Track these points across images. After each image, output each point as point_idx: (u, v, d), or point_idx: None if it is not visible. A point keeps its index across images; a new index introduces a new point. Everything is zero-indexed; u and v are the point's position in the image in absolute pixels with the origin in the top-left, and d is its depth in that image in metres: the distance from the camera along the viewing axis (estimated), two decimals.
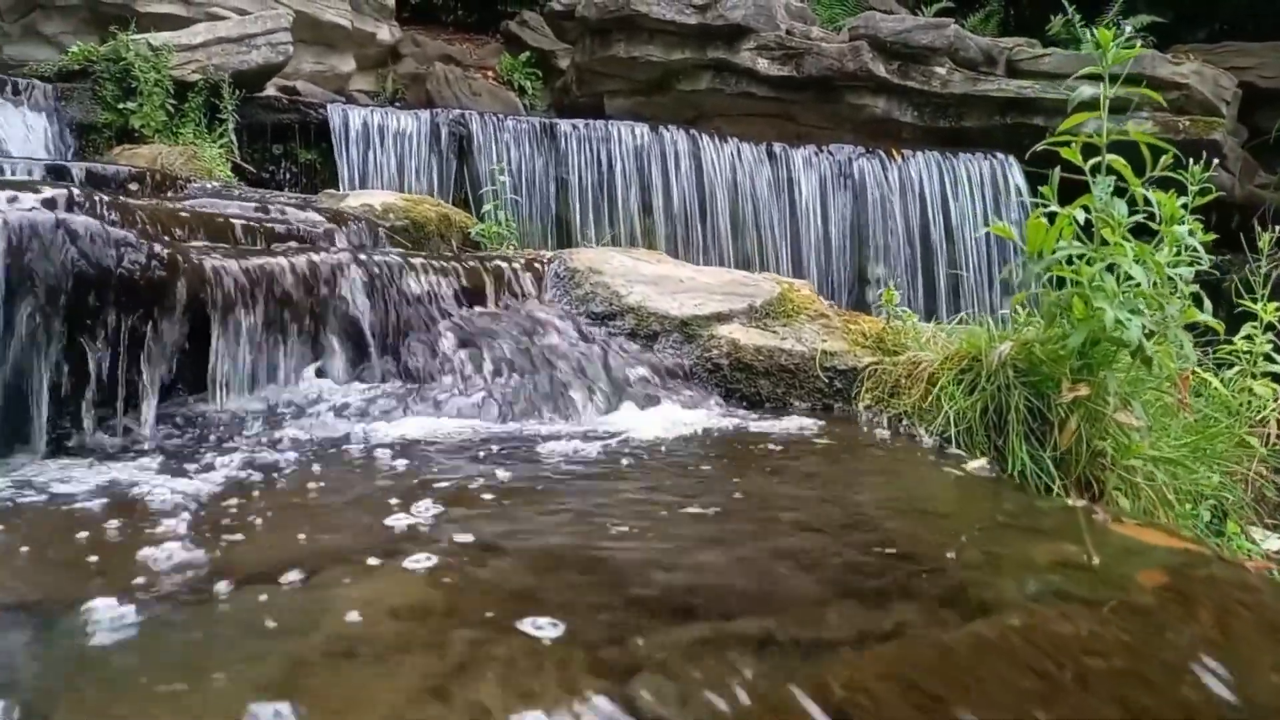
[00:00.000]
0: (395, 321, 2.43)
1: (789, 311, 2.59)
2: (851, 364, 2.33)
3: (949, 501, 1.54)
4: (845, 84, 8.98)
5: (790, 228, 8.08)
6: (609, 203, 7.56)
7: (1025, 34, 9.84)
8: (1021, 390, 1.89)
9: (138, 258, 1.66)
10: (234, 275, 2.07)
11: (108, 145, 5.73)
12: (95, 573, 1.13)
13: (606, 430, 1.99)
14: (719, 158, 7.90)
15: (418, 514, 1.33)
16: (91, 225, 1.61)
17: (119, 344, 1.70)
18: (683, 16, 8.90)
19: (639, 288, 2.69)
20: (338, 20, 9.60)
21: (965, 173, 8.65)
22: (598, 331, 2.55)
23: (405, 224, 4.20)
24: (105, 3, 7.93)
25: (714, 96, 9.33)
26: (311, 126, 6.60)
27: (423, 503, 1.38)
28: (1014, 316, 2.17)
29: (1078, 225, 1.87)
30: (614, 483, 1.55)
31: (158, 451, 1.71)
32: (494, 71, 10.98)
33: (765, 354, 2.36)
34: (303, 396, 2.13)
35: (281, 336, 2.20)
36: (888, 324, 2.54)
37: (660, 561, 1.16)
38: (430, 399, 2.16)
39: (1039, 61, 9.16)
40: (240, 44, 6.38)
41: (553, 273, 2.88)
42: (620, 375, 2.33)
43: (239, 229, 2.67)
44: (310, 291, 2.27)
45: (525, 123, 7.30)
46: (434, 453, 1.77)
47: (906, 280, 8.29)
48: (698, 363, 2.41)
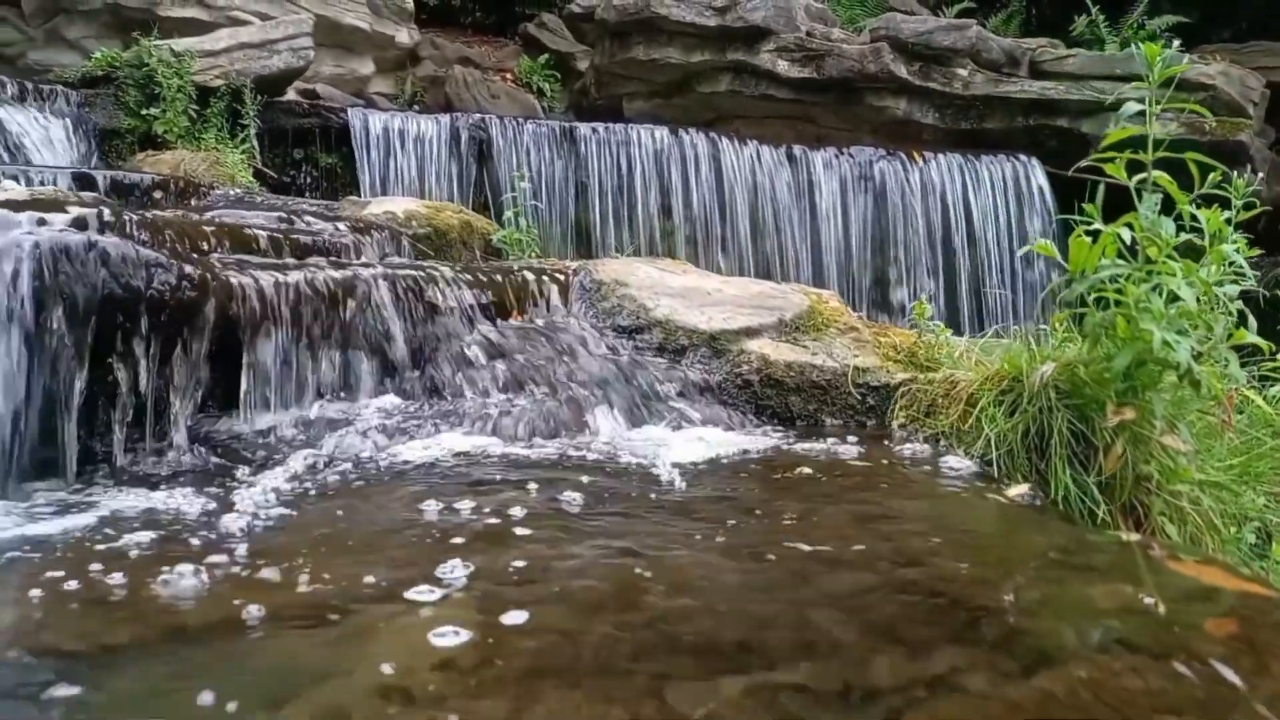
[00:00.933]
0: (422, 336, 2.41)
1: (819, 325, 2.55)
2: (884, 380, 2.28)
3: (996, 534, 1.50)
4: (866, 85, 8.91)
5: (810, 231, 8.02)
6: (628, 206, 7.53)
7: (1047, 34, 9.74)
8: (1064, 413, 1.84)
9: (168, 279, 1.64)
10: (263, 292, 2.05)
11: (130, 151, 5.75)
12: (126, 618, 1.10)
13: (636, 451, 1.96)
14: (739, 160, 7.86)
15: (452, 548, 1.31)
16: (122, 247, 1.60)
17: (149, 365, 1.69)
18: (702, 18, 8.86)
19: (666, 300, 2.65)
20: (357, 23, 9.62)
21: (987, 175, 8.56)
22: (625, 345, 2.52)
23: (428, 231, 4.19)
24: (127, 7, 7.98)
25: (733, 98, 9.28)
26: (332, 131, 6.61)
27: (456, 537, 1.35)
28: (1052, 333, 2.12)
29: (1121, 243, 1.82)
30: (647, 512, 1.52)
31: (189, 475, 1.69)
32: (512, 74, 10.97)
33: (796, 370, 2.32)
34: (332, 413, 2.12)
35: (310, 352, 2.18)
36: (919, 338, 2.50)
37: (699, 603, 1.13)
38: (458, 416, 2.13)
39: (1063, 63, 9.06)
40: (262, 49, 6.39)
41: (578, 284, 2.85)
42: (649, 391, 2.30)
43: (265, 241, 2.66)
44: (338, 307, 2.25)
45: (545, 126, 7.28)
46: (464, 477, 1.74)
47: (928, 283, 8.22)
48: (727, 378, 2.37)
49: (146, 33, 7.44)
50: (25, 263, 1.49)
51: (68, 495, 1.54)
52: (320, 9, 9.07)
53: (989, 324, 8.29)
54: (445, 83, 10.35)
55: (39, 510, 1.46)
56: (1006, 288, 8.33)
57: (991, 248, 8.33)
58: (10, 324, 1.47)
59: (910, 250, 8.15)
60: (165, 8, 8.01)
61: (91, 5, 7.95)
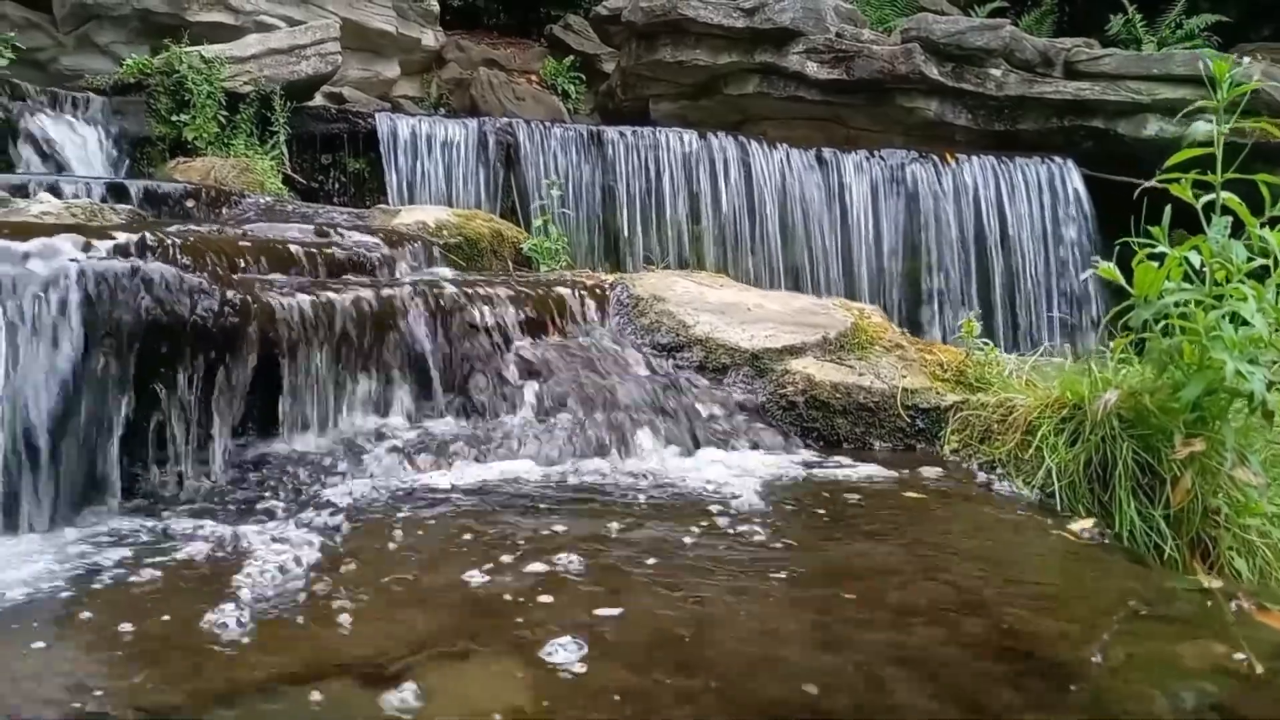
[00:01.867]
0: (459, 354, 2.38)
1: (863, 343, 2.49)
2: (934, 402, 2.22)
3: (1067, 578, 1.44)
4: (896, 87, 8.80)
5: (841, 235, 7.93)
6: (657, 210, 7.47)
7: (1080, 34, 9.58)
8: (1128, 443, 1.78)
9: (211, 304, 1.62)
10: (302, 313, 2.02)
11: (161, 158, 5.77)
12: (180, 674, 1.07)
13: (682, 478, 1.92)
14: (768, 164, 7.78)
15: (503, 592, 1.27)
16: (166, 273, 1.57)
17: (191, 389, 1.66)
18: (730, 20, 8.79)
19: (705, 317, 2.60)
20: (383, 26, 9.64)
21: (1022, 177, 8.43)
22: (665, 364, 2.48)
23: (459, 241, 4.16)
24: (157, 13, 8.04)
25: (761, 100, 9.20)
26: (360, 136, 6.60)
27: (505, 576, 1.31)
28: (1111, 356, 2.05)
29: (1189, 266, 1.75)
30: (696, 552, 1.47)
31: (230, 502, 1.67)
32: (537, 76, 10.96)
33: (843, 391, 2.26)
34: (370, 434, 2.09)
35: (348, 373, 2.15)
36: (968, 357, 2.43)
37: (760, 658, 1.08)
38: (497, 440, 2.10)
39: (1098, 63, 8.90)
40: (290, 55, 6.40)
41: (615, 299, 2.81)
42: (691, 413, 2.25)
43: (301, 256, 2.64)
44: (376, 327, 2.22)
45: (572, 130, 7.24)
46: (508, 507, 1.70)
47: (961, 288, 8.10)
48: (771, 399, 2.32)
49: (175, 37, 7.49)
50: (71, 291, 1.46)
51: (112, 526, 1.52)
52: (346, 12, 9.09)
53: (1023, 330, 8.17)
54: (470, 85, 10.35)
55: (83, 544, 1.44)
56: (1041, 293, 8.21)
57: (1026, 251, 8.21)
58: (56, 352, 1.45)
59: (943, 254, 8.03)
60: (193, 13, 8.06)
61: (121, 11, 8.02)
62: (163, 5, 7.96)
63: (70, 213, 3.13)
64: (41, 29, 8.44)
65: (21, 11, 8.33)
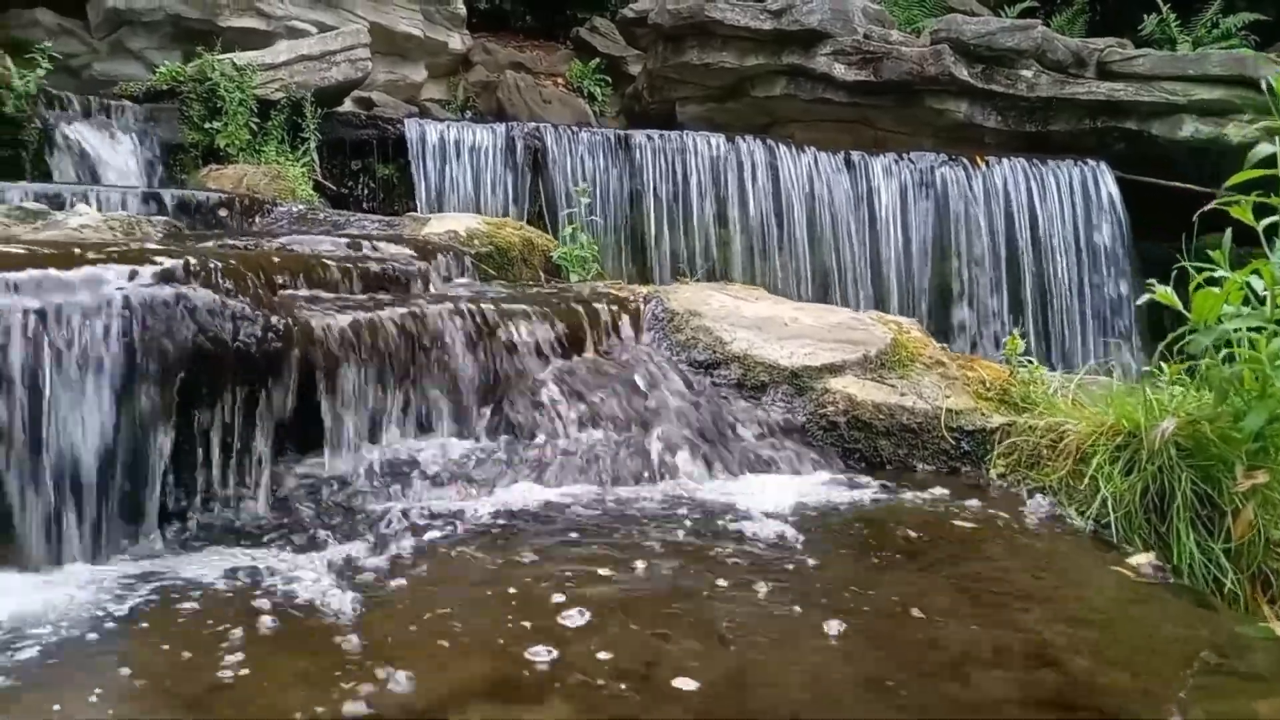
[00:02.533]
0: (496, 372, 2.36)
1: (904, 360, 2.45)
2: (980, 424, 2.18)
3: (1133, 622, 1.39)
4: (925, 88, 8.71)
5: (869, 239, 7.86)
6: (684, 214, 7.45)
7: (1112, 33, 9.44)
8: (1187, 473, 1.73)
9: (254, 330, 1.61)
10: (341, 334, 2.01)
11: (194, 164, 5.81)
12: None
13: (721, 505, 1.89)
14: (796, 167, 7.72)
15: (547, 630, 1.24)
16: (210, 300, 1.57)
17: (233, 415, 1.66)
18: (757, 22, 8.74)
19: (742, 333, 2.57)
20: (411, 30, 9.66)
21: (1054, 180, 8.32)
22: (703, 382, 2.45)
23: (489, 250, 4.16)
24: (189, 19, 8.10)
25: (788, 102, 9.14)
26: (389, 142, 6.63)
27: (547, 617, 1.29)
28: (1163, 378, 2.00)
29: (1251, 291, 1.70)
30: (740, 589, 1.44)
31: (273, 531, 1.66)
32: (563, 79, 10.95)
33: (885, 412, 2.22)
34: (409, 456, 2.07)
35: (386, 392, 2.14)
36: (1012, 375, 2.38)
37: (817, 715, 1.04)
38: (535, 461, 2.08)
39: (1132, 63, 8.76)
40: (321, 61, 6.43)
41: (650, 314, 2.78)
42: (730, 434, 2.22)
43: (336, 271, 2.63)
44: (414, 346, 2.21)
45: (600, 135, 7.23)
46: (548, 535, 1.68)
47: (991, 292, 8.00)
48: (811, 419, 2.28)
49: (206, 43, 7.55)
50: (115, 319, 1.46)
51: (155, 556, 1.51)
52: (375, 16, 9.12)
53: (1055, 334, 8.06)
54: (497, 88, 10.36)
55: (126, 576, 1.43)
56: (1074, 297, 8.09)
57: (1058, 255, 8.10)
58: (102, 380, 1.45)
59: (973, 258, 7.94)
60: (225, 18, 8.12)
61: (154, 17, 8.09)
62: (194, 11, 8.02)
63: (108, 225, 3.15)
64: (75, 35, 8.52)
65: (55, 18, 8.42)
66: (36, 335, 1.39)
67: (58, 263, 1.50)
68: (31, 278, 1.42)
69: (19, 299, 1.38)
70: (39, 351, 1.39)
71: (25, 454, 1.38)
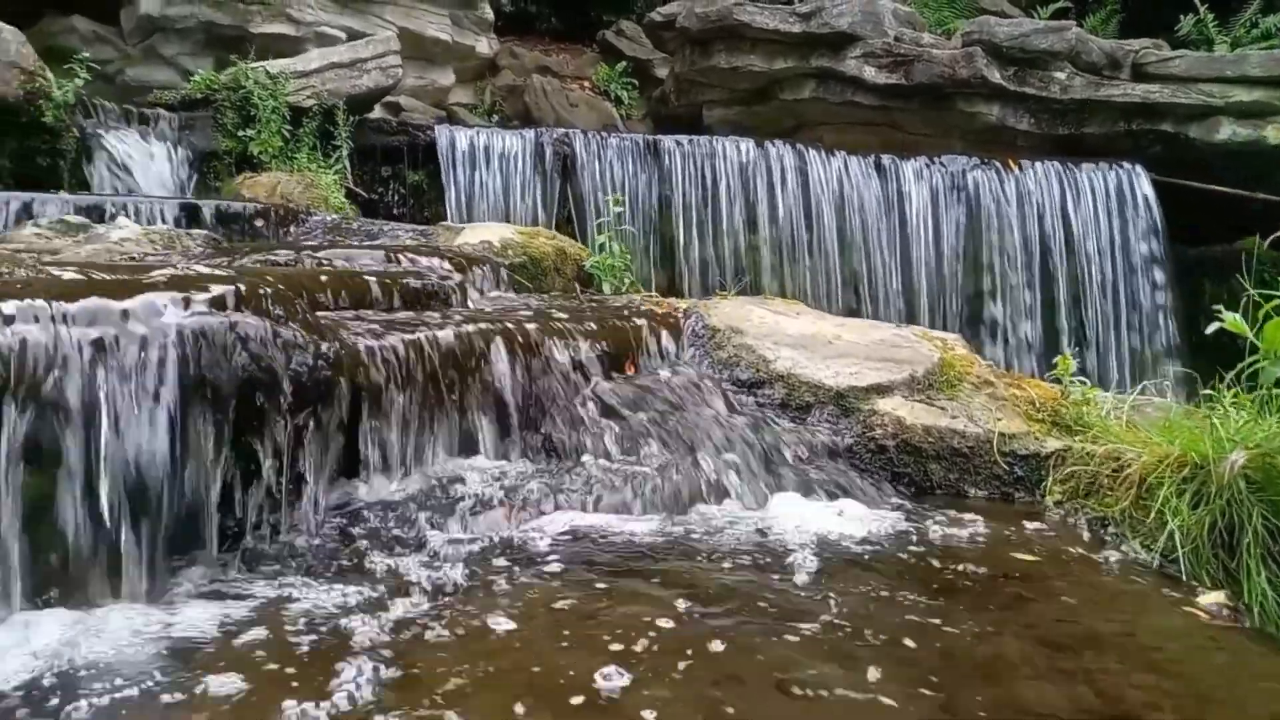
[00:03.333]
0: (538, 392, 2.34)
1: (951, 380, 2.41)
2: (1033, 449, 2.13)
3: (1213, 673, 1.34)
4: (956, 91, 8.63)
5: (900, 244, 7.79)
6: (713, 219, 7.41)
7: (1145, 34, 9.29)
8: (1258, 507, 1.68)
9: (305, 359, 1.60)
10: (386, 356, 2.00)
11: (228, 172, 5.85)
12: None
13: (769, 532, 1.85)
14: (826, 172, 7.67)
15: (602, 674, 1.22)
16: (262, 330, 1.56)
17: (283, 443, 1.65)
18: (786, 25, 8.70)
19: (786, 352, 2.54)
20: (439, 35, 9.69)
21: (1088, 183, 8.20)
22: (746, 402, 2.42)
23: (523, 260, 4.15)
24: (221, 25, 8.17)
25: (817, 105, 9.09)
26: (419, 148, 6.64)
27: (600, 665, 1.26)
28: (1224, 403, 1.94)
29: None
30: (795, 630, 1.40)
31: (323, 559, 1.65)
32: (590, 82, 10.94)
33: (935, 436, 2.18)
34: (453, 478, 2.06)
35: (429, 413, 2.13)
36: (1064, 396, 2.33)
37: None
38: (579, 486, 2.06)
39: (1168, 64, 8.63)
40: (352, 69, 6.45)
41: (690, 330, 2.76)
42: (775, 457, 2.19)
43: (377, 288, 2.63)
44: (457, 367, 2.20)
45: (629, 140, 7.21)
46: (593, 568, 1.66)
47: (1023, 297, 7.90)
48: (858, 441, 2.25)
49: (237, 49, 7.61)
50: (170, 349, 1.46)
51: (210, 587, 1.51)
52: (404, 21, 9.17)
53: (1089, 340, 7.94)
54: (524, 92, 10.37)
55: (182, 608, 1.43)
56: (1108, 303, 7.97)
57: (1092, 260, 7.98)
58: (157, 411, 1.45)
59: (1005, 263, 7.85)
60: (256, 25, 8.18)
61: (187, 24, 8.16)
62: (226, 18, 8.09)
63: (149, 238, 3.17)
64: (109, 41, 8.62)
65: (90, 25, 8.52)
66: (93, 366, 1.39)
67: (112, 291, 1.50)
68: (87, 308, 1.42)
69: (76, 330, 1.38)
70: (95, 383, 1.39)
71: (81, 486, 1.38)
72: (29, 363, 1.32)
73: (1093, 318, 8.01)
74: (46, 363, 1.35)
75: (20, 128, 4.91)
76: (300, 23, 8.43)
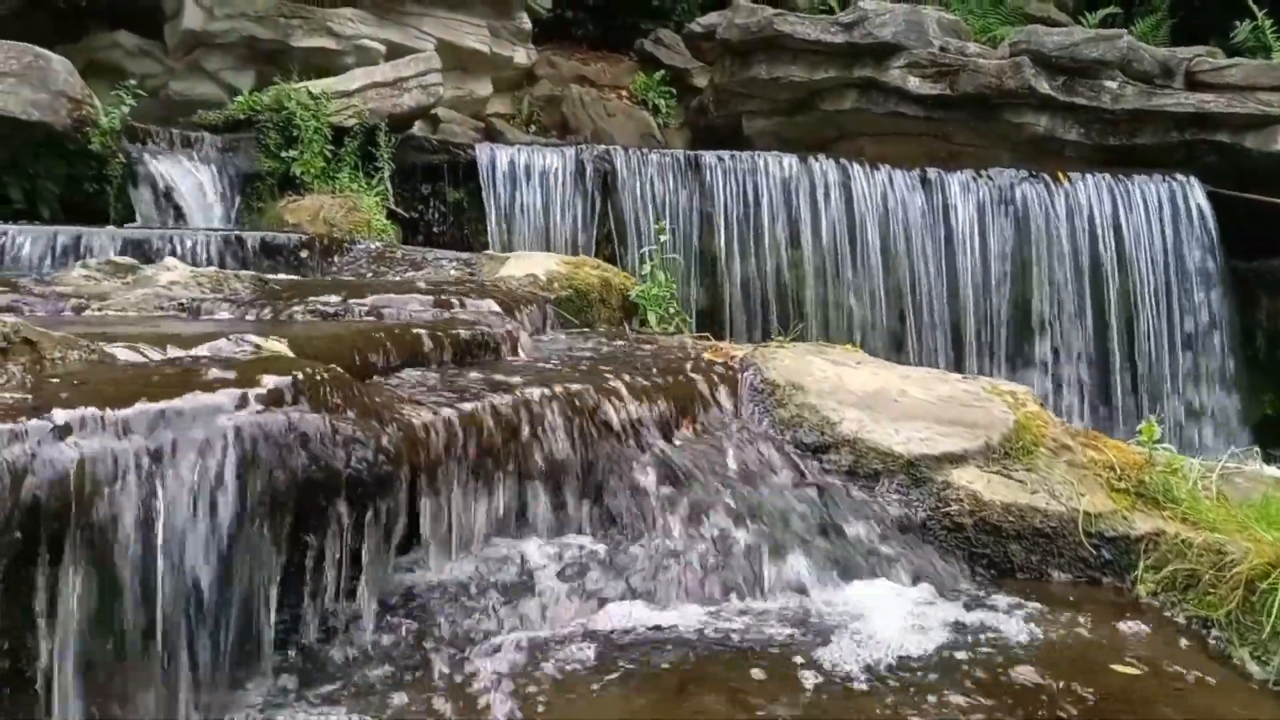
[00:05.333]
0: (595, 458, 2.27)
1: (1027, 446, 2.30)
2: (1121, 530, 2.02)
3: None
4: (1003, 101, 8.45)
5: (945, 259, 7.63)
6: (754, 236, 7.31)
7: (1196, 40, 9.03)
8: None
9: (365, 454, 1.54)
10: (443, 432, 1.94)
11: (270, 193, 5.85)
12: None
13: (843, 628, 1.76)
14: (869, 186, 7.53)
15: None
16: (321, 427, 1.50)
17: (340, 539, 1.59)
18: (828, 35, 8.56)
19: (850, 412, 2.44)
20: (477, 46, 9.65)
21: (1140, 196, 7.98)
22: (811, 468, 2.32)
23: (569, 294, 4.08)
24: (262, 40, 8.19)
25: (859, 116, 8.94)
26: (460, 166, 6.61)
27: None
28: None
29: None
30: None
31: (383, 661, 1.59)
32: (628, 91, 10.85)
33: (1016, 514, 2.08)
34: (510, 559, 1.99)
35: (485, 487, 2.06)
36: (1148, 465, 2.21)
37: None
38: (643, 568, 1.98)
39: (1223, 73, 8.39)
40: (393, 87, 6.43)
41: (749, 385, 2.67)
42: (845, 532, 2.10)
43: (428, 341, 2.57)
44: (514, 435, 2.13)
45: (669, 156, 7.13)
46: (670, 669, 1.58)
47: (1074, 314, 7.70)
48: (932, 516, 2.15)
49: (279, 62, 7.63)
50: (230, 452, 1.40)
51: (267, 699, 1.45)
52: (442, 33, 9.14)
53: (1141, 357, 7.71)
54: (562, 102, 10.32)
55: None
56: (1162, 320, 7.75)
57: (1145, 275, 7.77)
58: (216, 519, 1.39)
59: (1054, 278, 7.66)
60: (297, 39, 8.19)
61: (229, 39, 8.19)
62: (268, 32, 8.10)
63: (196, 282, 3.14)
64: (152, 55, 8.68)
65: (135, 40, 8.59)
66: (150, 480, 1.33)
67: (169, 389, 1.44)
68: (145, 415, 1.36)
69: (135, 441, 1.33)
70: (152, 493, 1.33)
71: (139, 602, 1.32)
72: (86, 482, 1.27)
73: (1144, 332, 7.80)
74: (105, 479, 1.29)
75: (68, 155, 4.94)
76: (341, 36, 8.43)
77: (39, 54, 5.12)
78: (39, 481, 1.21)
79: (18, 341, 1.50)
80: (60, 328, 1.81)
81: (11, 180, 4.86)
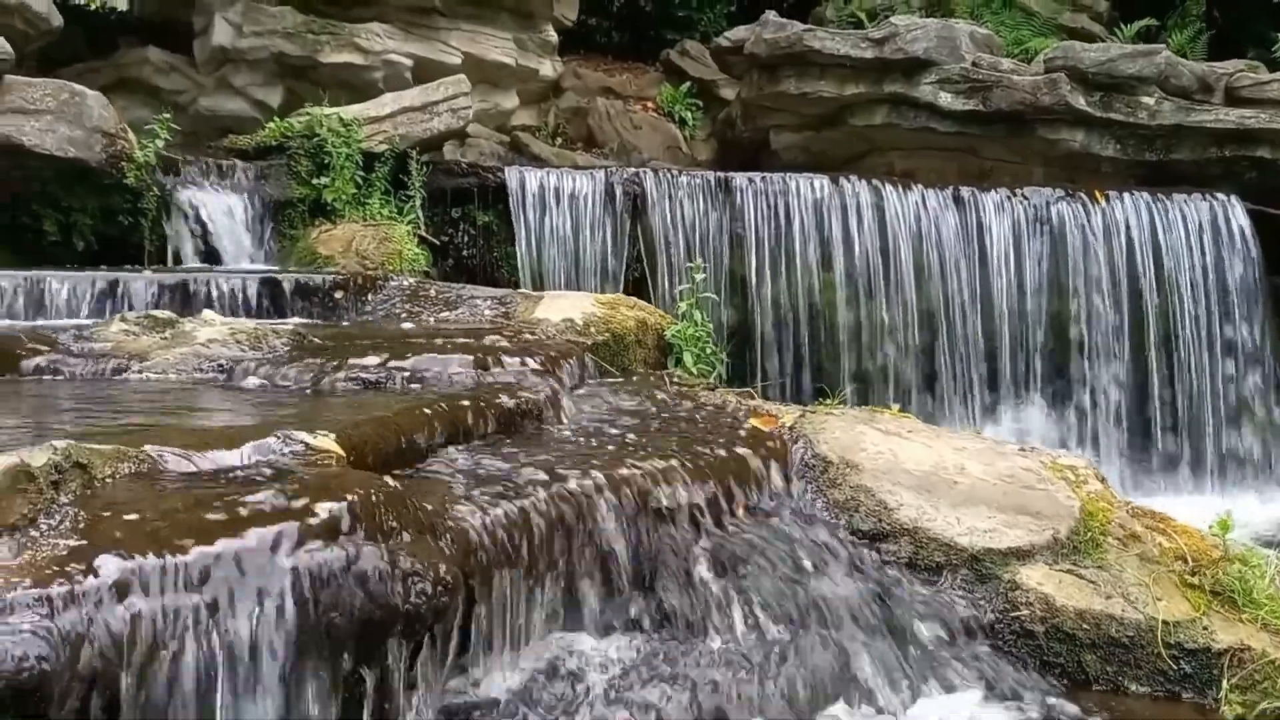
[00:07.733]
0: (646, 549, 2.20)
1: (1095, 539, 2.22)
2: (1203, 643, 1.94)
3: None
4: (1037, 117, 8.29)
5: (980, 279, 7.50)
6: (786, 257, 7.22)
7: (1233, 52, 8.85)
8: None
9: (424, 587, 1.49)
10: (496, 535, 1.88)
11: (301, 220, 5.82)
12: None
13: None
14: (902, 206, 7.41)
15: None
16: (380, 564, 1.44)
17: (396, 672, 1.54)
18: (858, 50, 8.43)
19: (908, 497, 2.36)
20: (502, 59, 9.58)
21: (1179, 214, 7.82)
22: (869, 558, 2.25)
23: (605, 339, 4.02)
24: (290, 56, 8.17)
25: (888, 131, 8.81)
26: (489, 190, 6.56)
27: None
28: None
29: None
30: None
31: None
32: (653, 103, 10.76)
33: (1090, 622, 1.99)
34: (562, 663, 1.93)
35: (536, 586, 2.00)
36: (1223, 562, 2.12)
37: None
38: (702, 675, 1.91)
39: (1265, 88, 8.21)
40: (423, 112, 6.39)
41: (799, 460, 2.60)
42: (911, 637, 2.03)
43: (470, 415, 2.52)
44: (564, 530, 2.07)
45: (699, 178, 7.05)
46: None
47: (1111, 335, 7.55)
48: (1000, 619, 2.07)
49: (307, 78, 7.61)
50: (287, 596, 1.35)
51: None
52: (468, 47, 9.08)
53: (1181, 379, 7.55)
54: (588, 114, 10.25)
55: None
56: (1202, 342, 7.59)
57: (1184, 296, 7.61)
58: (273, 665, 1.34)
59: (1091, 299, 7.52)
60: (325, 55, 8.15)
61: (258, 55, 8.17)
62: (296, 49, 8.08)
63: (235, 339, 3.11)
64: (180, 71, 8.68)
65: (164, 56, 8.60)
66: (206, 629, 1.28)
67: (224, 525, 1.39)
68: (201, 561, 1.31)
69: (192, 596, 1.28)
70: (209, 647, 1.28)
71: None
72: (140, 642, 1.22)
73: (1184, 356, 7.64)
74: (161, 636, 1.24)
75: (102, 189, 4.93)
76: (369, 51, 8.38)
77: (75, 90, 5.11)
78: (95, 651, 1.16)
79: (69, 468, 1.46)
80: (100, 388, 1.74)
81: (46, 214, 4.86)
